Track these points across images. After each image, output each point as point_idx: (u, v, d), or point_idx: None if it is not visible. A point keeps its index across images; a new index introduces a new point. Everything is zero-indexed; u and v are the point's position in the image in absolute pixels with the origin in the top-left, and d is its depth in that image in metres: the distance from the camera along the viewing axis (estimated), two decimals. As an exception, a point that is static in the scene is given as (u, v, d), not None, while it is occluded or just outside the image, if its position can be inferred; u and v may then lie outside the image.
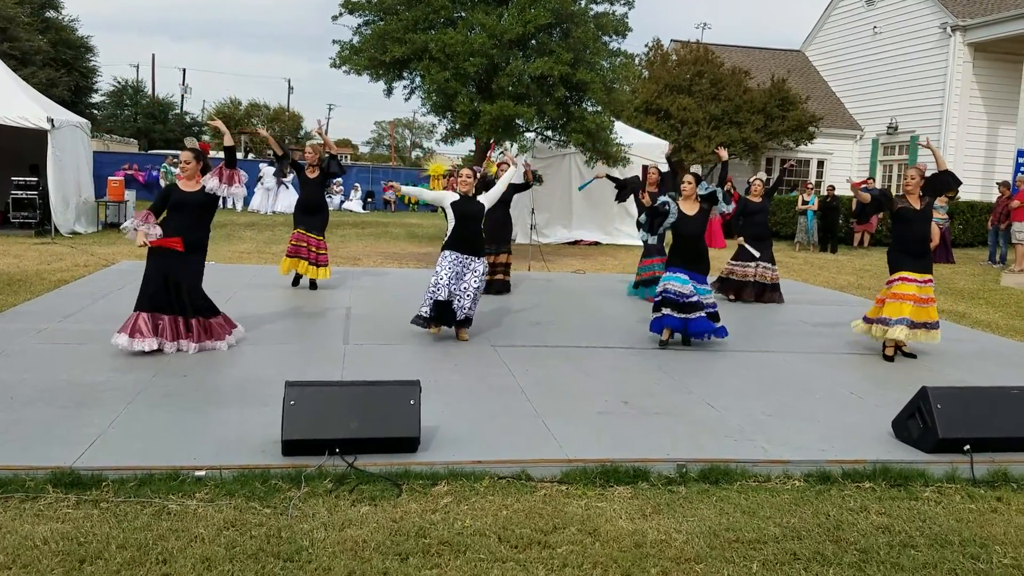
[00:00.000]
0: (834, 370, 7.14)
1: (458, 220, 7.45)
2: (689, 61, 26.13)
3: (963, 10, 24.35)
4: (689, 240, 7.64)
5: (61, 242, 14.82)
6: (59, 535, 3.53)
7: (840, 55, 29.62)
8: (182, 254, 6.63)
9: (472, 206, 7.51)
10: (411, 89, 15.29)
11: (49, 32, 30.65)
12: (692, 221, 7.64)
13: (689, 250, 7.63)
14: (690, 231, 7.64)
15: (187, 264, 6.69)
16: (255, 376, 6.03)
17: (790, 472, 4.64)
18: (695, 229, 7.65)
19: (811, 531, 3.94)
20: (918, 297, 7.31)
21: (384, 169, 37.88)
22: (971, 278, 15.14)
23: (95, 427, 4.75)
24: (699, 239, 7.68)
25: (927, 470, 4.73)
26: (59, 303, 8.58)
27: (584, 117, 14.27)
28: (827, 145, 27.92)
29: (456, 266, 7.37)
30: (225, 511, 3.82)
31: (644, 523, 3.94)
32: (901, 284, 7.38)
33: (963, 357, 7.83)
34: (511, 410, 5.51)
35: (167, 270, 6.59)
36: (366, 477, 4.27)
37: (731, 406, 5.81)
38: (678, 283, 7.50)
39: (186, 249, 6.64)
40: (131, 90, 45.45)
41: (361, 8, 14.52)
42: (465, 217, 7.45)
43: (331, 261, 10.50)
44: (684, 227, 7.64)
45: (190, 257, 6.70)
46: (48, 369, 5.98)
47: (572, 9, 13.97)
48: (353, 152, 76.39)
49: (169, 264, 6.60)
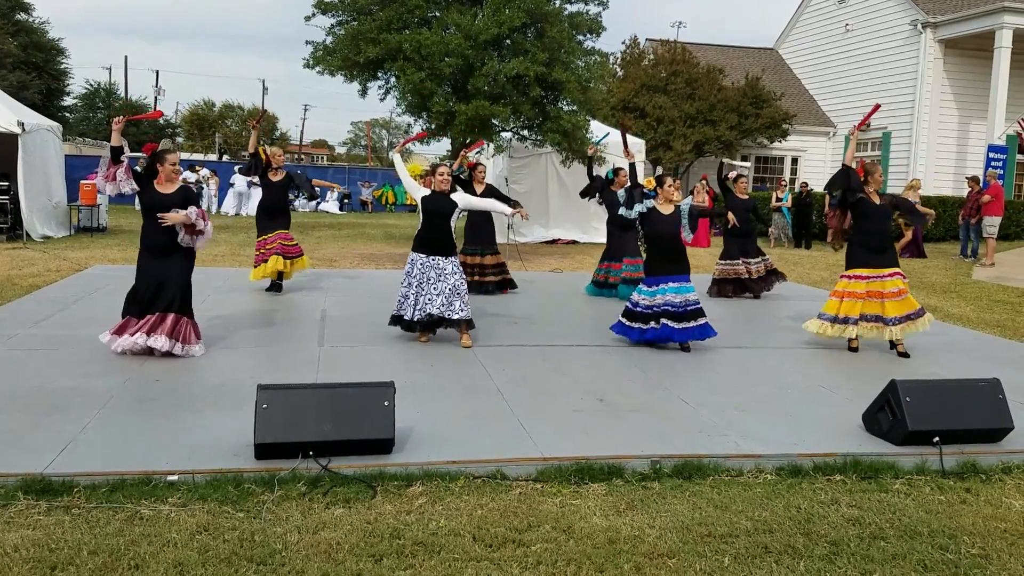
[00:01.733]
0: (806, 365, 7.21)
1: (426, 217, 7.39)
2: (666, 60, 26.26)
3: (933, 7, 24.63)
4: (666, 239, 7.65)
5: (33, 247, 14.66)
6: (30, 542, 3.50)
7: (812, 53, 29.88)
8: (168, 255, 6.59)
9: (443, 204, 7.36)
10: (386, 89, 15.26)
11: (20, 35, 30.33)
12: (668, 220, 7.68)
13: (667, 250, 7.63)
14: (667, 230, 7.66)
15: (171, 262, 6.61)
16: (228, 380, 6.00)
17: (762, 466, 4.69)
18: (671, 228, 7.68)
19: (782, 524, 3.98)
20: (878, 292, 7.39)
21: (361, 169, 37.78)
22: (943, 272, 15.33)
23: (66, 433, 4.71)
24: (675, 237, 7.70)
25: (897, 462, 4.79)
26: (31, 308, 8.49)
27: (560, 116, 14.30)
28: (800, 142, 28.16)
29: (423, 271, 7.31)
30: (198, 515, 3.81)
31: (618, 519, 3.96)
32: (852, 282, 7.51)
33: (933, 350, 7.92)
34: (487, 410, 5.52)
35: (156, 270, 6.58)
36: (340, 479, 4.27)
37: (705, 402, 5.85)
38: (648, 296, 7.52)
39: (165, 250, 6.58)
40: (104, 92, 45.05)
41: (334, 8, 14.47)
42: (433, 214, 7.36)
43: (307, 264, 10.42)
44: (661, 226, 7.65)
45: (173, 255, 6.62)
46: (19, 375, 5.92)
47: (546, 9, 14.00)
48: (330, 152, 76.15)
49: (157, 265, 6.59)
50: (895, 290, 7.41)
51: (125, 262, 12.46)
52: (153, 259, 6.62)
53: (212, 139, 52.12)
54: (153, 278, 6.59)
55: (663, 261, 7.59)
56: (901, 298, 7.42)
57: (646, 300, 7.53)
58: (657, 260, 7.65)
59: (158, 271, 6.59)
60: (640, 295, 7.61)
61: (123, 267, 11.57)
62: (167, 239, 6.57)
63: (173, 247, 6.61)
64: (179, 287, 6.64)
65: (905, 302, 7.43)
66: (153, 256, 6.63)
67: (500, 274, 10.72)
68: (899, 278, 7.48)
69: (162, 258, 6.61)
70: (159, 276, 6.58)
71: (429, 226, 7.38)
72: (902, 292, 7.45)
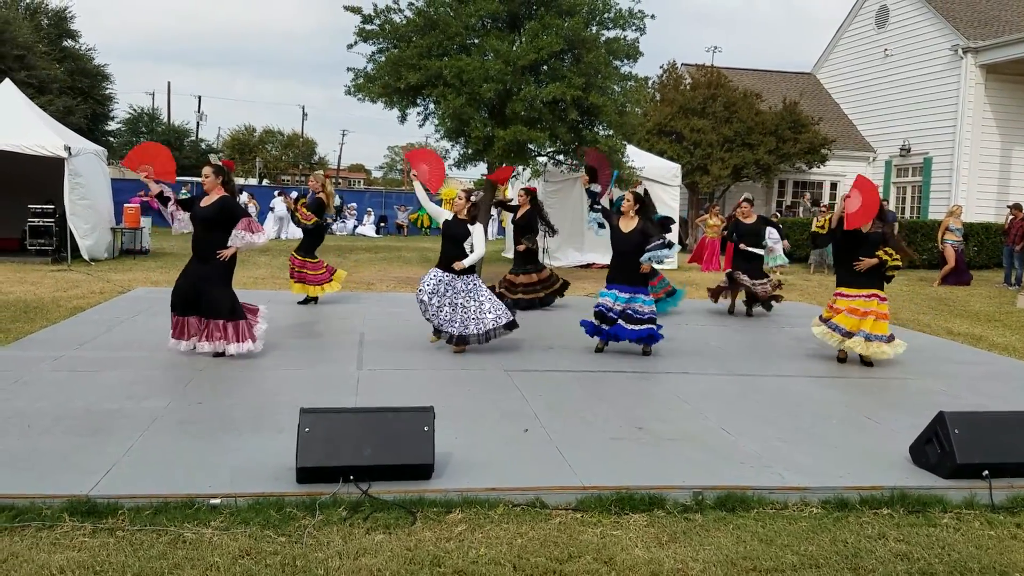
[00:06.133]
0: (849, 394, 7.09)
1: (444, 239, 8.15)
2: (702, 84, 26.23)
3: (974, 32, 24.38)
4: (619, 255, 8.25)
5: (77, 269, 14.93)
6: (75, 564, 3.53)
7: (851, 77, 29.66)
8: (198, 260, 7.35)
9: (456, 228, 8.04)
10: (425, 115, 15.39)
11: (66, 61, 31.06)
12: (626, 239, 8.12)
13: (619, 263, 8.26)
14: (621, 247, 8.20)
15: (200, 269, 7.31)
16: (269, 402, 6.05)
17: (807, 499, 4.61)
18: (628, 247, 8.11)
19: (829, 559, 3.90)
20: (857, 310, 7.94)
21: (397, 193, 38.08)
22: (987, 300, 15.04)
23: (111, 455, 4.76)
24: (632, 257, 8.08)
25: (945, 496, 4.69)
26: (75, 330, 8.63)
27: (596, 140, 14.31)
28: (840, 167, 27.89)
29: (438, 283, 7.94)
30: (240, 539, 3.82)
31: (660, 551, 3.91)
32: (839, 299, 8.13)
33: (980, 380, 7.76)
34: (525, 436, 5.49)
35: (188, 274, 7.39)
36: (380, 505, 4.27)
37: (746, 431, 5.77)
38: (611, 299, 8.17)
39: (199, 257, 7.35)
40: (147, 117, 45.96)
41: (375, 36, 14.66)
42: (447, 237, 8.09)
43: (344, 286, 10.58)
44: (617, 243, 8.25)
45: (204, 264, 7.30)
46: (64, 397, 6.02)
47: (584, 35, 14.05)
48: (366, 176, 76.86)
49: (188, 269, 7.43)
50: (867, 309, 7.92)
51: (167, 284, 12.61)
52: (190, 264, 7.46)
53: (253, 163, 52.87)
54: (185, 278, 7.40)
55: (614, 269, 8.36)
56: (876, 320, 7.94)
57: (599, 300, 8.34)
58: (614, 271, 8.38)
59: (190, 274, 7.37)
60: (599, 297, 8.40)
61: (165, 289, 11.69)
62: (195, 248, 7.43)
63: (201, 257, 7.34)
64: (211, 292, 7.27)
65: (877, 324, 7.94)
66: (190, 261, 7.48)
67: (540, 291, 11.39)
68: (875, 300, 7.95)
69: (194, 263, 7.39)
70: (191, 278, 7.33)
71: (445, 246, 8.12)
72: (873, 313, 7.92)
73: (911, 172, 26.77)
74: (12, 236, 17.21)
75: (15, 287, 12.04)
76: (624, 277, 8.19)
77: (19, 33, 26.14)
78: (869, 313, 7.92)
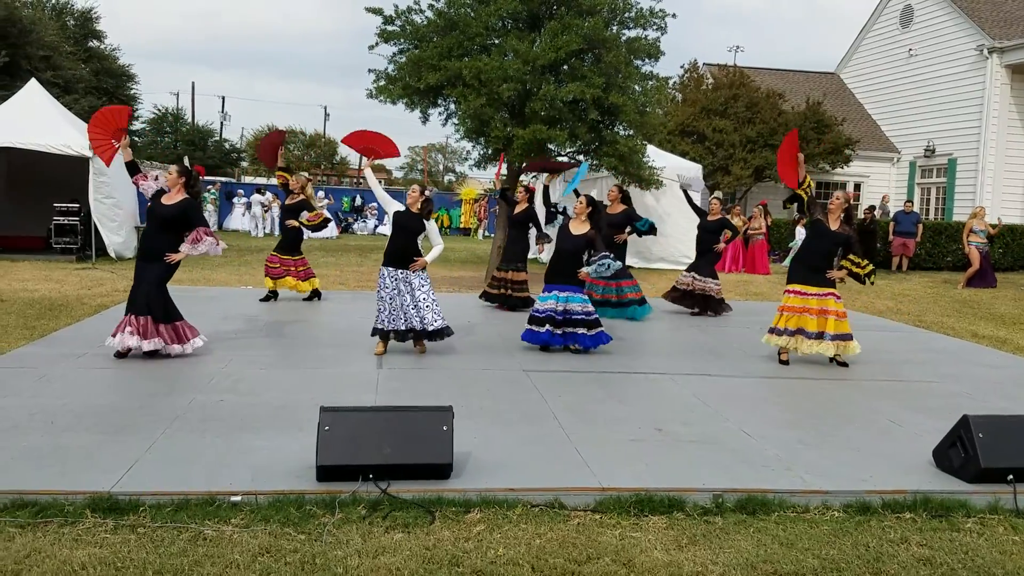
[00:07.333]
0: (871, 397, 7.03)
1: (394, 230, 7.81)
2: (724, 84, 26.10)
3: (1000, 32, 24.11)
4: (563, 254, 8.21)
5: (102, 267, 15.08)
6: (97, 560, 3.57)
7: (875, 77, 29.42)
8: (143, 261, 7.33)
9: (410, 221, 7.75)
10: (447, 116, 15.42)
11: (91, 61, 31.35)
12: (572, 240, 8.14)
13: (561, 263, 8.21)
14: (566, 246, 8.19)
15: (145, 271, 7.25)
16: (289, 401, 6.08)
17: (829, 502, 4.57)
18: (572, 247, 8.13)
19: (851, 563, 3.87)
20: (813, 309, 7.84)
21: (417, 193, 38.07)
22: (1012, 303, 14.87)
23: (133, 452, 4.80)
24: (572, 258, 8.11)
25: (969, 500, 4.63)
26: (99, 328, 8.70)
27: (616, 141, 14.28)
28: (864, 168, 27.68)
29: (393, 284, 7.69)
30: (260, 537, 3.84)
31: (680, 554, 3.89)
32: (791, 297, 8.00)
33: (1005, 384, 7.67)
34: (543, 436, 5.48)
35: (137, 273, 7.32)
36: (399, 503, 4.27)
37: (767, 434, 5.73)
38: (553, 301, 8.12)
39: (145, 257, 7.33)
40: (171, 117, 46.24)
41: (396, 37, 14.69)
42: (400, 229, 7.75)
43: (365, 285, 10.61)
44: (562, 242, 8.24)
45: (149, 264, 7.24)
46: (87, 394, 6.08)
47: (604, 35, 14.01)
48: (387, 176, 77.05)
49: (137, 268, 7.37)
50: (824, 308, 7.83)
51: (189, 283, 12.73)
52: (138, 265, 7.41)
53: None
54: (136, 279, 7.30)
55: (554, 272, 8.29)
56: (834, 319, 7.83)
57: (538, 304, 8.23)
58: (551, 270, 8.33)
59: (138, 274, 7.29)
60: (537, 301, 8.30)
61: (186, 288, 11.81)
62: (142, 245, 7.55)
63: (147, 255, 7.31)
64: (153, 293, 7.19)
65: (838, 323, 7.84)
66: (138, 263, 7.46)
67: (515, 291, 11.14)
68: (831, 299, 7.86)
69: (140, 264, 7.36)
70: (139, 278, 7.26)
71: (397, 238, 7.78)
72: (832, 312, 7.83)
73: (935, 173, 26.51)
74: (38, 234, 17.41)
75: (40, 285, 12.18)
76: (563, 279, 8.19)
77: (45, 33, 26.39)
78: (829, 313, 7.85)
